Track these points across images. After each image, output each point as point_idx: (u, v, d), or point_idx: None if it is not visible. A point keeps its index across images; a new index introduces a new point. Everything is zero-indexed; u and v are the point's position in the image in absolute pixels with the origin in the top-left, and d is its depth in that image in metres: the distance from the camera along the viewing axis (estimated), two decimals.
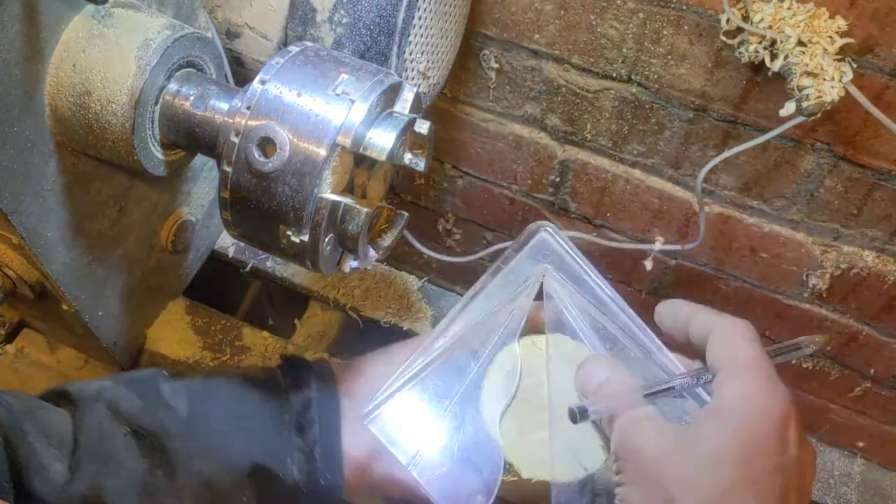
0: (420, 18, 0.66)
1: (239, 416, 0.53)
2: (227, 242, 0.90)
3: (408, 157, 0.54)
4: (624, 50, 0.75)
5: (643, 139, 0.82)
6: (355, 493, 0.55)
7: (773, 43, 0.64)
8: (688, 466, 0.40)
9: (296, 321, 0.95)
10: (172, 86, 0.55)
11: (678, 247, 0.85)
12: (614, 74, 0.78)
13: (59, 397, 0.55)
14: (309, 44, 0.55)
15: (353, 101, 0.50)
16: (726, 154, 0.73)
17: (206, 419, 0.53)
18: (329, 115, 0.50)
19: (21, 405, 0.53)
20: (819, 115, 0.63)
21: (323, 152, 0.49)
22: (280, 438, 0.53)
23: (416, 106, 0.56)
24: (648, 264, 0.89)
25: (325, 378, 0.56)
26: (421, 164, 0.54)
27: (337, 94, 0.50)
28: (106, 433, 0.52)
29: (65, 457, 0.51)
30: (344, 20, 0.64)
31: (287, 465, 0.52)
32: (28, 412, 0.52)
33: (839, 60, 0.63)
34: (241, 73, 0.72)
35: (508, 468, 0.52)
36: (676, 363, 0.53)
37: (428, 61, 0.71)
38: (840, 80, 0.62)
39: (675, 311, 0.51)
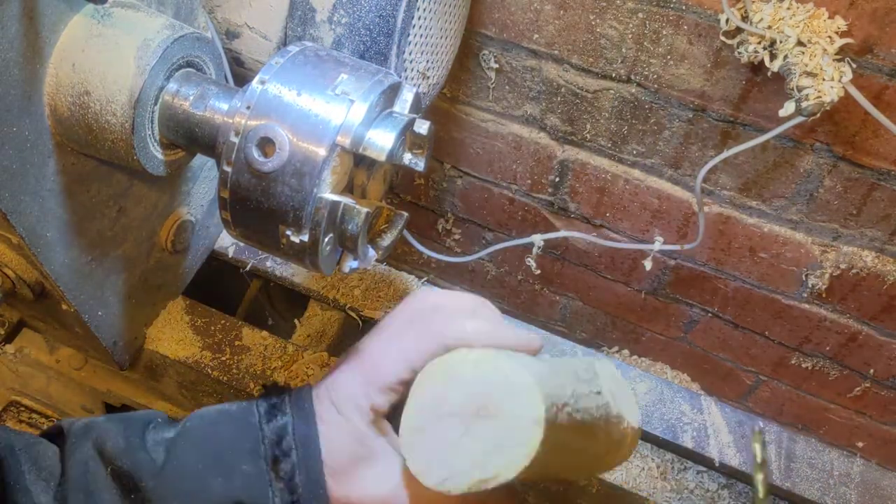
0: (419, 18, 0.66)
1: (214, 454, 0.52)
2: (227, 242, 0.90)
3: (407, 157, 0.54)
4: (623, 50, 0.75)
5: (642, 139, 0.82)
6: None
7: (773, 43, 0.64)
8: None
9: (295, 321, 0.95)
10: (172, 86, 0.55)
11: (677, 247, 0.85)
12: (614, 74, 0.78)
13: (56, 433, 0.57)
14: (308, 44, 0.55)
15: (352, 101, 0.50)
16: (726, 154, 0.73)
17: (181, 463, 0.52)
18: (329, 115, 0.49)
19: (19, 440, 0.54)
20: (818, 115, 0.63)
21: (322, 152, 0.49)
22: (258, 472, 0.52)
23: (416, 106, 0.56)
24: (648, 264, 0.89)
25: (300, 400, 0.54)
26: (420, 164, 0.54)
27: (336, 94, 0.50)
28: (90, 470, 0.52)
29: (52, 489, 0.53)
30: (343, 20, 0.64)
31: (270, 497, 0.51)
32: (25, 446, 0.54)
33: (838, 60, 0.63)
34: (241, 73, 0.72)
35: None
36: None
37: (427, 61, 0.71)
38: (839, 81, 0.62)
39: None
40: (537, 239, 0.89)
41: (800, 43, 0.62)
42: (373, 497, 0.53)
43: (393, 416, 0.54)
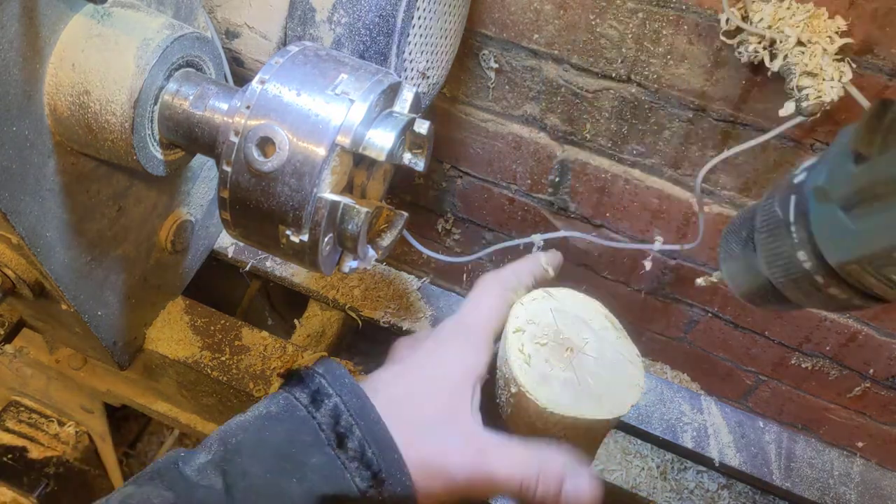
0: (419, 18, 0.66)
1: (278, 458, 0.50)
2: (227, 242, 0.90)
3: (407, 157, 0.54)
4: (623, 50, 0.75)
5: (642, 139, 0.82)
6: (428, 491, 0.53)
7: (773, 43, 0.64)
8: None
9: (295, 321, 0.95)
10: (171, 85, 0.55)
11: (677, 247, 0.85)
12: (613, 74, 0.78)
13: None
14: (308, 43, 0.55)
15: (352, 101, 0.50)
16: (726, 154, 0.73)
17: (246, 480, 0.49)
18: (328, 114, 0.49)
19: None
20: (818, 115, 0.63)
21: (322, 152, 0.49)
22: (328, 459, 0.50)
23: (416, 106, 0.56)
24: (648, 264, 0.89)
25: (338, 376, 0.53)
26: (420, 164, 0.54)
27: (336, 94, 0.50)
28: None
29: None
30: (343, 20, 0.64)
31: (348, 480, 0.49)
32: None
33: (838, 60, 0.63)
34: (241, 72, 0.72)
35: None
36: None
37: (427, 61, 0.71)
38: (839, 80, 0.62)
39: None
40: (537, 239, 0.89)
41: (800, 43, 0.62)
42: (450, 454, 0.52)
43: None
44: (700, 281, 0.61)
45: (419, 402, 0.53)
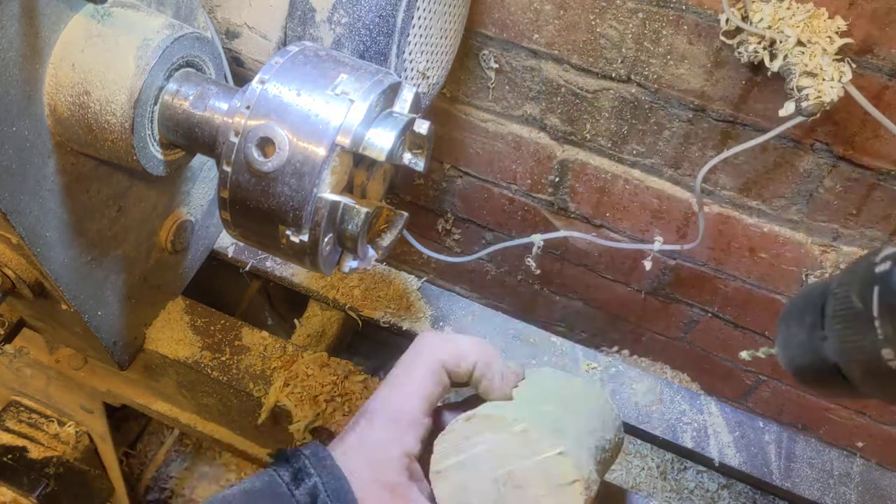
0: (419, 18, 0.66)
1: None
2: (227, 242, 0.90)
3: (407, 157, 0.54)
4: (623, 50, 0.75)
5: (642, 139, 0.82)
6: None
7: (773, 43, 0.64)
8: None
9: (295, 321, 0.95)
10: (171, 85, 0.55)
11: (677, 247, 0.85)
12: (613, 74, 0.78)
13: None
14: (308, 43, 0.55)
15: (352, 101, 0.50)
16: (726, 154, 0.73)
17: None
18: (328, 114, 0.49)
19: None
20: (818, 115, 0.63)
21: (322, 152, 0.49)
22: None
23: (416, 106, 0.56)
24: (648, 264, 0.89)
25: (321, 458, 0.56)
26: (420, 164, 0.54)
27: (336, 94, 0.50)
28: None
29: None
30: (343, 20, 0.64)
31: None
32: None
33: (838, 60, 0.63)
34: (241, 72, 0.72)
35: None
36: None
37: (427, 61, 0.71)
38: (839, 81, 0.62)
39: None
40: (537, 239, 0.89)
41: (800, 43, 0.62)
42: None
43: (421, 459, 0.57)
44: (744, 355, 0.59)
45: (371, 492, 0.55)
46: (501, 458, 0.53)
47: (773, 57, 0.65)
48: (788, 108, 0.64)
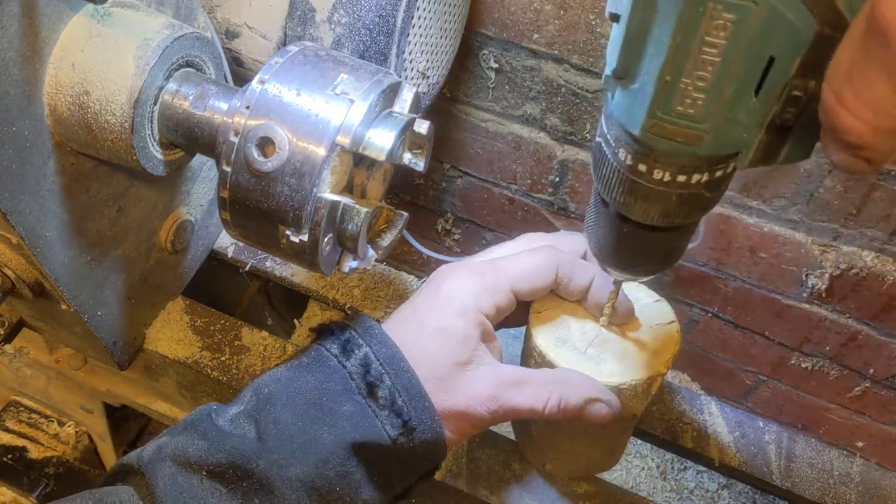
0: (419, 18, 0.66)
1: (309, 407, 0.50)
2: (227, 242, 0.90)
3: (407, 157, 0.54)
4: None
5: None
6: (458, 430, 0.54)
7: None
8: None
9: (295, 321, 0.95)
10: (171, 85, 0.55)
11: None
12: None
13: (122, 474, 0.52)
14: (308, 43, 0.55)
15: (352, 101, 0.50)
16: None
17: (281, 428, 0.50)
18: (328, 114, 0.49)
19: (84, 499, 0.49)
20: None
21: (322, 152, 0.49)
22: (359, 408, 0.50)
23: (416, 106, 0.56)
24: None
25: (369, 327, 0.53)
26: (420, 164, 0.54)
27: (336, 94, 0.50)
28: (183, 486, 0.48)
29: None
30: (343, 20, 0.64)
31: (379, 428, 0.50)
32: (95, 502, 0.49)
33: None
34: (241, 72, 0.72)
35: None
36: None
37: (427, 61, 0.71)
38: None
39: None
40: None
41: None
42: (473, 395, 0.53)
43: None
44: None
45: (438, 349, 0.54)
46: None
47: None
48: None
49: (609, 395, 0.56)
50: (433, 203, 1.05)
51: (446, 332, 0.53)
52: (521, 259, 0.58)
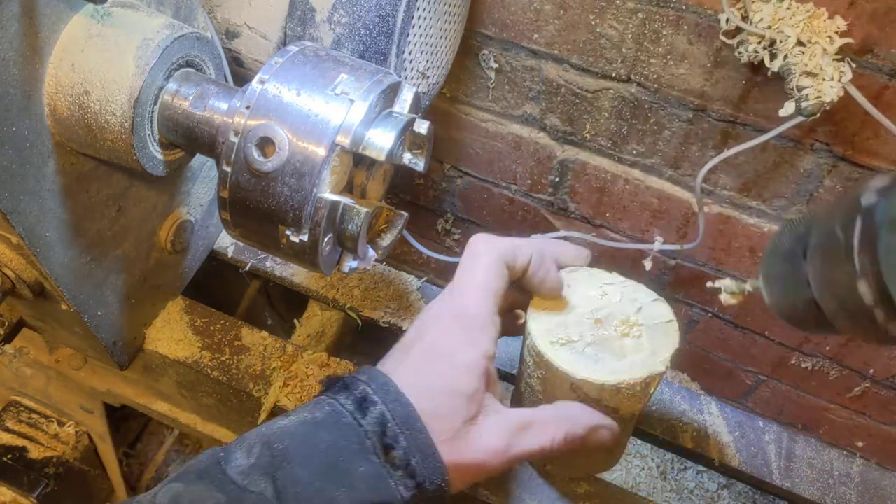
0: (419, 18, 0.66)
1: (326, 466, 0.50)
2: (227, 242, 0.90)
3: (407, 157, 0.54)
4: (623, 50, 0.75)
5: (642, 139, 0.82)
6: (459, 484, 0.54)
7: (773, 43, 0.64)
8: None
9: (295, 321, 0.95)
10: (171, 85, 0.55)
11: (677, 247, 0.85)
12: (613, 74, 0.78)
13: None
14: (308, 43, 0.55)
15: (352, 101, 0.50)
16: (726, 154, 0.73)
17: (298, 488, 0.49)
18: (328, 114, 0.49)
19: None
20: (818, 115, 0.63)
21: (322, 152, 0.49)
22: (375, 469, 0.50)
23: (416, 106, 0.56)
24: (648, 264, 0.89)
25: (383, 384, 0.53)
26: (420, 164, 0.54)
27: (336, 94, 0.50)
28: None
29: None
30: (343, 20, 0.64)
31: (393, 489, 0.50)
32: None
33: (838, 60, 0.63)
34: (241, 72, 0.72)
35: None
36: None
37: (427, 61, 0.71)
38: (839, 81, 0.62)
39: None
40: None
41: (800, 43, 0.62)
42: (485, 450, 0.53)
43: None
44: (725, 297, 0.58)
45: (449, 408, 0.54)
46: (600, 300, 0.62)
47: (773, 57, 0.65)
48: (788, 108, 0.64)
49: (609, 422, 0.58)
50: (433, 203, 1.05)
51: (455, 393, 0.53)
52: (481, 281, 0.58)
